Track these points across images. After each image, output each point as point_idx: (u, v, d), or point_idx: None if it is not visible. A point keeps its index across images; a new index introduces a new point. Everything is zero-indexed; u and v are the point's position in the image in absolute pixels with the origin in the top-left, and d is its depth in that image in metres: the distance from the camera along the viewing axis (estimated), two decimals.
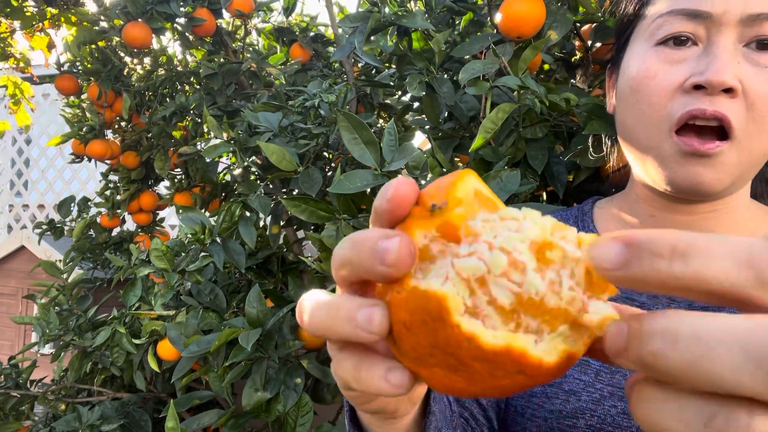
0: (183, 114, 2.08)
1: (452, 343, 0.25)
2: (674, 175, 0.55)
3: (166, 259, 1.47)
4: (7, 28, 2.61)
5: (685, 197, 0.59)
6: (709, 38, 0.54)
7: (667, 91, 0.55)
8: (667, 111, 0.55)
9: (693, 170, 0.54)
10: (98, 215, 2.51)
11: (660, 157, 0.57)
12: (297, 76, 1.88)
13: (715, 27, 0.53)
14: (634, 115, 0.59)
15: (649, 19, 0.58)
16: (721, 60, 0.52)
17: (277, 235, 1.61)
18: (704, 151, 0.53)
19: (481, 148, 1.09)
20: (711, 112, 0.52)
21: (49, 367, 2.21)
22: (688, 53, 0.55)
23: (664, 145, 0.56)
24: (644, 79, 0.57)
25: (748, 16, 0.52)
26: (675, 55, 0.55)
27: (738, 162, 0.54)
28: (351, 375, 0.30)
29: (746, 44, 0.53)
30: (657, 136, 0.56)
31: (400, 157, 1.01)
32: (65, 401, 2.02)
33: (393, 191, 0.28)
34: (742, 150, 0.54)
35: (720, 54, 0.52)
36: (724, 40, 0.53)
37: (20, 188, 5.91)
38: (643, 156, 0.59)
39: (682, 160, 0.55)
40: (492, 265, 0.24)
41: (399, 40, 1.32)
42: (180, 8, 1.92)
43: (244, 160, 1.40)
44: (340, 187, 1.00)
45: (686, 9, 0.54)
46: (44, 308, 1.92)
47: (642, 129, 0.58)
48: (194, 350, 1.34)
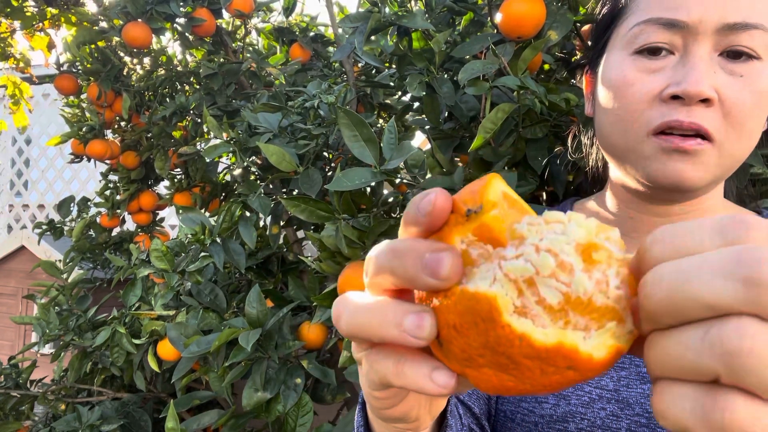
0: (183, 114, 2.08)
1: (503, 342, 0.26)
2: (656, 172, 0.56)
3: (166, 260, 1.47)
4: (7, 28, 2.61)
5: (665, 195, 0.60)
6: (686, 47, 0.55)
7: (645, 100, 0.56)
8: (645, 119, 0.56)
9: (674, 166, 0.55)
10: (98, 215, 2.51)
11: (640, 158, 0.58)
12: (297, 76, 1.88)
13: (691, 36, 0.54)
14: (612, 121, 0.60)
15: (626, 27, 0.59)
16: (698, 70, 0.53)
17: (277, 235, 1.61)
18: (686, 148, 0.54)
19: (480, 148, 1.09)
20: (688, 124, 0.53)
21: (49, 367, 2.21)
22: (664, 62, 0.56)
23: (643, 147, 0.57)
24: (622, 86, 0.57)
25: (723, 25, 0.53)
26: (652, 64, 0.56)
27: (718, 163, 0.56)
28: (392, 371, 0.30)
29: (721, 53, 0.54)
30: (635, 141, 0.58)
31: (398, 155, 1.01)
32: (65, 401, 2.02)
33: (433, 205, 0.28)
34: (723, 153, 0.55)
35: (697, 64, 0.53)
36: (700, 50, 0.54)
37: (20, 188, 5.91)
38: (623, 158, 0.60)
39: (663, 158, 0.56)
40: (540, 267, 0.25)
41: (399, 40, 1.32)
42: (180, 8, 1.92)
43: (244, 161, 1.40)
44: (339, 185, 1.00)
45: (663, 18, 0.55)
46: (44, 308, 1.92)
47: (620, 134, 0.59)
48: (194, 350, 1.34)
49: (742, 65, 0.54)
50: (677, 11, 0.54)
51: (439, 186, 1.08)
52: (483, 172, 1.11)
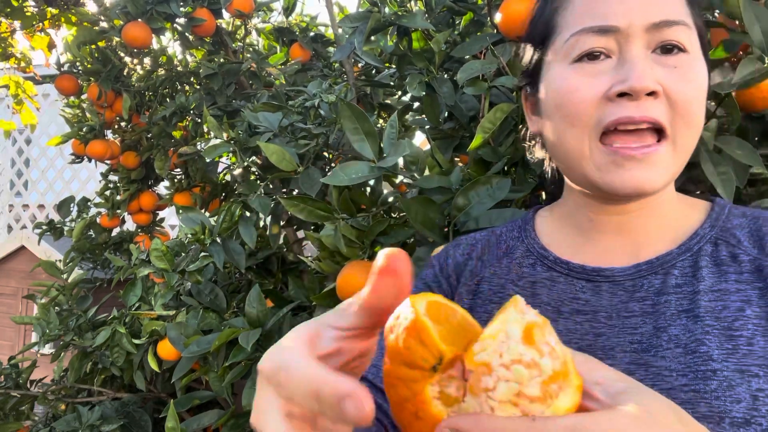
0: (183, 114, 2.08)
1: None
2: (613, 183, 0.58)
3: (166, 260, 1.48)
4: (8, 28, 2.61)
5: (624, 201, 0.62)
6: (621, 49, 0.57)
7: (591, 101, 0.58)
8: (596, 120, 0.58)
9: (631, 175, 0.57)
10: (98, 215, 2.51)
11: (594, 168, 0.59)
12: (297, 76, 1.88)
13: (624, 38, 0.57)
14: (562, 129, 0.61)
15: (560, 41, 0.61)
16: (639, 66, 0.55)
17: (277, 235, 1.61)
18: (638, 156, 0.56)
19: (480, 148, 1.09)
20: (640, 117, 0.56)
21: (49, 367, 2.21)
22: (604, 65, 0.58)
23: (595, 155, 0.59)
24: (567, 93, 0.59)
25: (650, 24, 0.56)
26: (593, 68, 0.58)
27: (673, 160, 0.58)
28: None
29: (654, 50, 0.57)
30: (588, 146, 0.59)
31: (395, 152, 1.02)
32: (65, 401, 2.02)
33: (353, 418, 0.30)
34: (676, 147, 0.57)
35: (636, 61, 0.56)
36: (635, 49, 0.57)
37: (20, 188, 5.92)
38: (577, 166, 0.61)
39: (617, 169, 0.57)
40: (520, 379, 0.31)
41: (399, 40, 1.32)
42: (180, 8, 1.92)
43: (244, 160, 1.41)
44: (336, 179, 1.00)
45: (595, 26, 0.58)
46: (44, 308, 1.92)
47: (572, 141, 0.60)
48: (194, 350, 1.35)
49: (673, 58, 0.57)
50: (607, 18, 0.57)
51: (436, 184, 1.08)
52: (483, 171, 1.11)
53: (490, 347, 0.31)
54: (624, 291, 0.60)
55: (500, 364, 0.31)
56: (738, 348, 0.53)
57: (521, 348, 0.31)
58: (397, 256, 0.33)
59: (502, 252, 0.70)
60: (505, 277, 0.67)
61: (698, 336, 0.54)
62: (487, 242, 0.73)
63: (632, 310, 0.59)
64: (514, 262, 0.68)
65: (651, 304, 0.58)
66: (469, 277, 0.70)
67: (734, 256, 0.59)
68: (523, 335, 0.32)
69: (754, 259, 0.58)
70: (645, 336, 0.57)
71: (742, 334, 0.53)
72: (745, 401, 0.50)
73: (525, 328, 0.32)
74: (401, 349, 0.33)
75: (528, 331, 0.32)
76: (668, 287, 0.59)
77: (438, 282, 0.71)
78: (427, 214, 1.01)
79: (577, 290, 0.62)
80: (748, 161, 0.87)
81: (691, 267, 0.59)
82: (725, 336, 0.54)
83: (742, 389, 0.51)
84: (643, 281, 0.60)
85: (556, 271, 0.65)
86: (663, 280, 0.59)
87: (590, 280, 0.62)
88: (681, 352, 0.54)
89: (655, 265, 0.60)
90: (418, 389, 0.32)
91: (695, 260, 0.60)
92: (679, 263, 0.60)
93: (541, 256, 0.67)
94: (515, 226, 0.74)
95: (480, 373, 0.31)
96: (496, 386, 0.31)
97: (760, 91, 0.90)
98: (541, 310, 0.62)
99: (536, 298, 0.63)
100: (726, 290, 0.56)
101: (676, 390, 0.52)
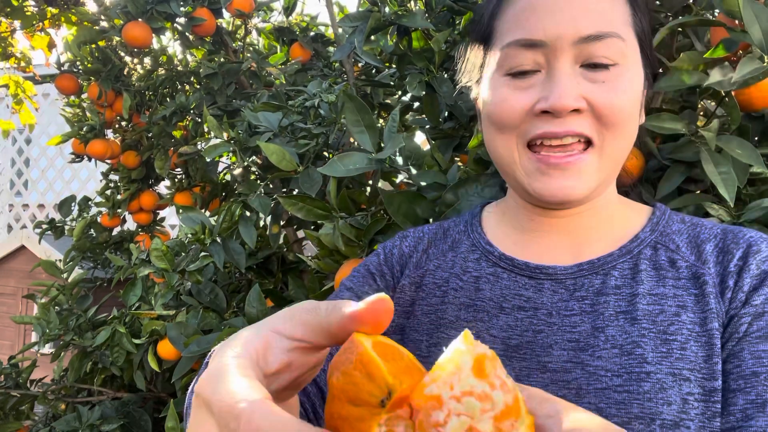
0: (183, 114, 2.08)
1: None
2: (541, 191, 0.59)
3: (166, 259, 1.47)
4: (8, 27, 2.61)
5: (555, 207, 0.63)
6: (549, 63, 0.58)
7: (518, 114, 0.59)
8: (522, 131, 0.60)
9: (557, 184, 0.58)
10: (99, 215, 2.51)
11: (523, 174, 0.61)
12: (297, 75, 1.88)
13: (552, 53, 0.57)
14: (493, 136, 0.63)
15: (495, 50, 0.62)
16: (562, 85, 0.56)
17: (277, 234, 1.61)
18: (563, 165, 0.57)
19: (479, 147, 1.09)
20: (563, 132, 0.57)
21: (49, 367, 2.21)
22: (533, 80, 0.59)
23: (523, 161, 0.60)
24: (497, 104, 0.61)
25: (578, 38, 0.56)
26: (522, 83, 0.59)
27: (599, 167, 0.59)
28: None
29: (582, 65, 0.57)
30: (517, 152, 0.61)
31: (391, 145, 1.02)
32: (65, 401, 2.02)
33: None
34: (603, 156, 0.58)
35: (560, 79, 0.56)
36: (562, 65, 0.57)
37: (20, 188, 5.92)
38: (509, 171, 0.63)
39: (542, 178, 0.59)
40: (472, 412, 0.29)
41: (399, 39, 1.32)
42: (180, 8, 1.92)
43: (244, 160, 1.41)
44: (333, 170, 1.00)
45: (522, 40, 0.58)
46: (44, 308, 1.92)
47: (501, 147, 0.62)
48: (194, 350, 1.35)
49: (601, 73, 0.57)
50: (534, 32, 0.58)
51: (432, 180, 1.08)
52: (482, 170, 1.11)
53: (440, 379, 0.30)
54: (565, 289, 0.61)
55: (451, 396, 0.29)
56: (672, 352, 0.54)
57: (472, 380, 0.30)
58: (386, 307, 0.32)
59: (447, 246, 0.71)
60: (449, 270, 0.67)
61: (634, 338, 0.55)
62: (434, 235, 0.73)
63: (572, 308, 0.59)
64: (459, 256, 0.68)
65: (590, 304, 0.59)
66: (414, 270, 0.70)
67: (672, 262, 0.60)
68: (474, 367, 0.30)
69: (692, 266, 0.59)
70: (583, 335, 0.57)
71: (677, 338, 0.54)
72: (675, 404, 0.51)
73: (475, 360, 0.31)
74: (347, 386, 0.31)
75: (479, 363, 0.31)
76: (608, 288, 0.59)
77: (381, 271, 0.71)
78: (412, 208, 1.02)
79: (520, 287, 0.63)
80: (748, 160, 0.87)
81: (631, 269, 0.60)
82: (660, 339, 0.54)
83: (674, 392, 0.52)
84: (584, 281, 0.61)
85: (500, 267, 0.65)
86: (603, 280, 0.60)
87: (533, 277, 0.63)
88: (617, 353, 0.55)
89: (596, 265, 0.61)
90: (364, 429, 0.30)
91: (635, 263, 0.60)
92: (620, 265, 0.61)
93: (486, 251, 0.67)
94: (462, 220, 0.74)
95: (430, 408, 0.29)
96: (447, 421, 0.29)
97: (759, 90, 0.90)
98: (483, 305, 0.63)
99: (479, 293, 0.64)
100: (663, 295, 0.57)
101: (610, 390, 0.53)
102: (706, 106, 1.06)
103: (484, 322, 0.62)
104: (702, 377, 0.52)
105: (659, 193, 0.97)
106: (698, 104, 1.03)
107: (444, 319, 0.64)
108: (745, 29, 0.81)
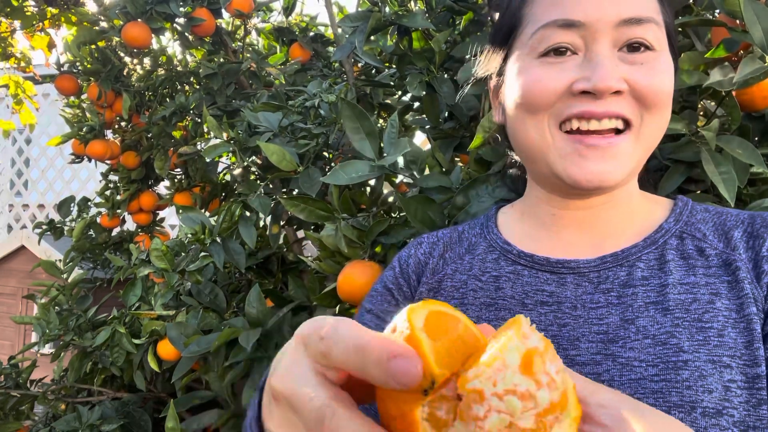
0: (183, 114, 2.07)
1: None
2: (576, 175, 0.58)
3: (166, 259, 1.47)
4: (8, 27, 2.61)
5: (586, 194, 0.61)
6: (587, 46, 0.57)
7: (554, 93, 0.58)
8: (557, 111, 0.58)
9: (594, 167, 0.57)
10: (98, 215, 2.51)
11: (557, 157, 0.59)
12: (297, 76, 1.88)
13: (590, 35, 0.56)
14: (523, 118, 0.61)
15: (527, 35, 0.61)
16: (604, 66, 0.55)
17: (277, 235, 1.61)
18: (604, 146, 0.56)
19: (480, 147, 1.09)
20: (602, 112, 0.56)
21: (49, 367, 2.21)
22: (570, 62, 0.58)
23: (557, 143, 0.59)
24: (530, 84, 0.59)
25: (620, 21, 0.56)
26: (558, 64, 0.58)
27: (633, 151, 0.58)
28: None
29: (620, 48, 0.57)
30: (550, 134, 0.59)
31: (395, 151, 1.01)
32: (65, 401, 2.02)
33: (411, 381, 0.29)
34: (639, 138, 0.58)
35: (602, 60, 0.56)
36: (601, 47, 0.56)
37: (20, 188, 5.92)
38: (539, 158, 0.61)
39: (579, 160, 0.57)
40: (512, 411, 0.29)
41: (399, 39, 1.32)
42: (179, 8, 1.92)
43: (244, 160, 1.40)
44: (336, 178, 0.99)
45: (560, 20, 0.57)
46: (44, 308, 1.92)
47: (533, 130, 0.60)
48: (194, 350, 1.34)
49: (640, 55, 0.57)
50: (573, 11, 0.57)
51: (436, 183, 1.08)
52: (483, 170, 1.11)
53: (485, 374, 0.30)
54: (589, 282, 0.60)
55: (493, 393, 0.30)
56: (709, 339, 0.53)
57: (517, 378, 0.30)
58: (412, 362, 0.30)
59: (464, 249, 0.70)
60: (467, 273, 0.67)
61: (668, 328, 0.54)
62: (449, 240, 0.73)
63: (597, 301, 0.59)
64: (477, 258, 0.68)
65: (617, 296, 0.58)
66: (430, 276, 0.69)
67: (701, 250, 0.59)
68: (521, 364, 0.30)
69: (721, 253, 0.58)
70: (611, 327, 0.57)
71: (713, 325, 0.54)
72: (717, 391, 0.50)
73: (524, 356, 0.31)
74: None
75: (527, 359, 0.31)
76: (634, 279, 0.59)
77: (398, 284, 0.71)
78: (427, 213, 1.01)
79: (542, 282, 0.62)
80: (749, 160, 0.87)
81: (657, 260, 0.60)
82: (696, 328, 0.54)
83: (714, 379, 0.51)
84: (608, 273, 0.60)
85: (520, 264, 0.64)
86: (628, 272, 0.59)
87: (554, 272, 0.62)
88: (650, 343, 0.54)
89: (620, 257, 0.61)
90: (407, 410, 0.31)
91: (661, 253, 0.60)
92: (645, 256, 0.60)
93: (504, 250, 0.67)
94: (477, 223, 0.74)
95: (471, 400, 0.30)
96: (487, 416, 0.29)
97: (762, 90, 0.89)
98: (505, 304, 0.62)
99: (500, 292, 0.63)
100: (695, 283, 0.57)
101: (645, 380, 0.52)
102: (706, 106, 1.06)
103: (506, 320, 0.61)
104: (744, 363, 0.52)
105: (659, 193, 0.97)
106: (698, 104, 1.03)
107: None
108: (746, 29, 0.81)
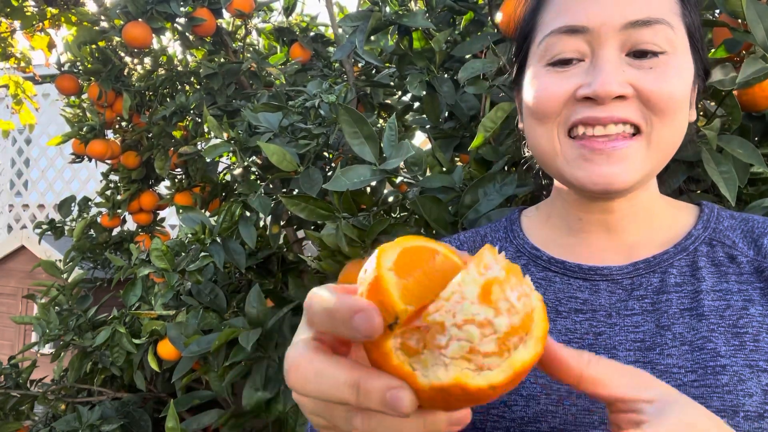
0: (183, 114, 2.07)
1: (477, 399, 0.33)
2: (583, 179, 0.58)
3: (166, 259, 1.47)
4: (8, 27, 2.61)
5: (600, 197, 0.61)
6: (593, 52, 0.57)
7: (559, 100, 0.58)
8: (563, 118, 0.59)
9: (599, 170, 0.57)
10: (99, 215, 2.51)
11: (565, 163, 0.59)
12: (297, 76, 1.88)
13: (596, 40, 0.56)
14: (534, 126, 0.62)
15: (536, 43, 0.61)
16: (606, 71, 0.55)
17: (277, 234, 1.61)
18: (609, 150, 0.56)
19: (481, 147, 1.09)
20: (605, 117, 0.55)
21: (49, 367, 2.21)
22: (576, 69, 0.58)
23: (565, 149, 0.59)
24: (538, 92, 0.60)
25: (626, 23, 0.55)
26: (564, 72, 0.58)
27: (646, 156, 0.57)
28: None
29: (628, 53, 0.56)
30: (558, 141, 0.60)
31: (397, 154, 1.01)
32: (65, 401, 2.02)
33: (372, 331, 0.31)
34: (650, 144, 0.57)
35: (604, 66, 0.55)
36: (607, 52, 0.56)
37: (20, 188, 5.91)
38: (552, 163, 0.61)
39: (585, 164, 0.57)
40: (471, 337, 0.32)
41: (399, 39, 1.32)
42: (180, 8, 1.92)
43: (244, 160, 1.40)
44: (338, 184, 0.99)
45: (564, 26, 0.57)
46: (44, 308, 1.92)
47: (543, 138, 0.61)
48: (194, 350, 1.34)
49: (649, 61, 0.56)
50: (576, 17, 0.57)
51: (439, 183, 1.08)
52: (483, 170, 1.11)
53: (444, 308, 0.32)
54: (622, 289, 0.60)
55: (452, 323, 0.32)
56: (745, 344, 0.53)
57: (475, 308, 0.32)
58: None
59: None
60: None
61: (704, 334, 0.54)
62: (473, 243, 0.72)
63: (632, 308, 0.59)
64: None
65: (651, 303, 0.58)
66: None
67: (732, 257, 0.59)
68: (480, 293, 0.32)
69: (752, 261, 0.58)
70: (648, 334, 0.56)
71: (748, 331, 0.54)
72: (757, 395, 0.50)
73: (483, 286, 0.33)
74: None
75: (486, 289, 0.32)
76: (668, 286, 0.59)
77: None
78: (438, 211, 1.02)
79: (575, 290, 0.62)
80: (749, 160, 0.87)
81: (689, 267, 0.60)
82: (731, 333, 0.54)
83: (753, 384, 0.51)
84: (642, 279, 0.60)
85: (551, 270, 0.64)
86: (661, 278, 0.59)
87: (587, 279, 0.62)
88: (687, 350, 0.54)
89: (652, 263, 0.60)
90: (379, 341, 0.33)
91: (692, 260, 0.60)
92: (676, 262, 0.60)
93: (533, 256, 0.66)
94: (500, 226, 0.73)
95: (435, 331, 0.32)
96: (449, 344, 0.32)
97: (763, 90, 0.89)
98: None
99: None
100: (728, 290, 0.57)
101: (686, 386, 0.52)
102: (706, 106, 1.06)
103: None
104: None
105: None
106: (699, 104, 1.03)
107: None
108: (749, 29, 0.81)
